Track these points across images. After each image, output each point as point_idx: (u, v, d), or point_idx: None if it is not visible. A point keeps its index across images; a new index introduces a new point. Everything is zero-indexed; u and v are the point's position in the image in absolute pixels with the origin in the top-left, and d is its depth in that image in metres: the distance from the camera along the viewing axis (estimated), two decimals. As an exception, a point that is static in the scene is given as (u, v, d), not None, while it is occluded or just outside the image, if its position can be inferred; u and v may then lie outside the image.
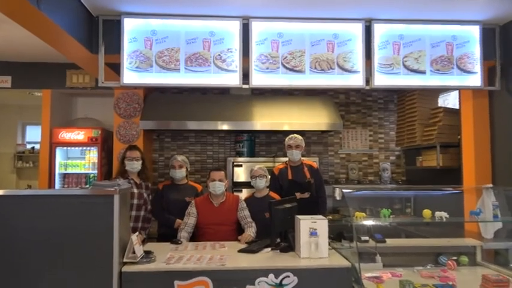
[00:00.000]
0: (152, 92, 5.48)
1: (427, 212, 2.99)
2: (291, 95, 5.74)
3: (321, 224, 2.85)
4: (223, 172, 3.71)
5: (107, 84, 3.88)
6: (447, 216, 2.90)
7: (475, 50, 4.09)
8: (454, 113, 4.85)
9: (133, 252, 2.62)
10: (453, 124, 4.79)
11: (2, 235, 2.51)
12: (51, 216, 2.54)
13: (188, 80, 3.83)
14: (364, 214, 3.00)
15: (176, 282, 2.54)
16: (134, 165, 3.71)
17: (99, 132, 5.53)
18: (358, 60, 3.94)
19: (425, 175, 5.37)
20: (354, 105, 5.97)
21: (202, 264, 2.66)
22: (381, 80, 3.95)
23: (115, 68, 3.98)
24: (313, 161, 4.34)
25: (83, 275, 2.50)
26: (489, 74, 4.29)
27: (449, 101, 5.48)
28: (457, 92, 4.80)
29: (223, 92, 5.63)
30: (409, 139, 5.35)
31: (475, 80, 4.08)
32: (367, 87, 3.96)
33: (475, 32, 4.07)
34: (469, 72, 4.07)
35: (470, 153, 4.43)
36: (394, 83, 3.98)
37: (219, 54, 3.84)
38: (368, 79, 3.97)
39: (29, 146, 7.96)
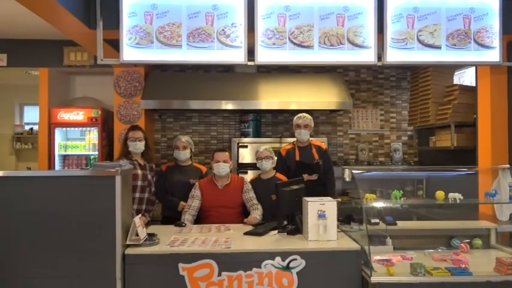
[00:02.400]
0: (153, 70, 5.46)
1: (440, 194, 2.98)
2: (299, 72, 5.69)
3: (329, 206, 2.86)
4: (227, 153, 3.72)
5: (106, 61, 3.86)
6: (461, 197, 2.89)
7: (494, 23, 4.00)
8: (470, 91, 4.79)
9: (137, 235, 2.65)
10: (469, 102, 4.74)
11: (1, 217, 2.54)
12: (51, 198, 2.57)
13: (190, 56, 3.79)
14: (374, 196, 2.99)
15: (181, 265, 2.57)
16: (137, 146, 3.72)
17: (99, 112, 5.54)
18: (369, 34, 3.88)
19: (438, 156, 5.34)
20: (364, 83, 5.92)
21: (207, 246, 2.69)
22: (394, 55, 3.90)
23: (114, 44, 3.95)
24: (321, 142, 4.32)
25: (85, 257, 2.54)
26: (508, 49, 4.22)
27: (465, 78, 5.41)
28: (473, 69, 4.73)
29: (227, 69, 5.60)
30: (422, 118, 5.31)
31: (493, 55, 4.01)
32: (379, 64, 3.91)
33: (494, 4, 3.98)
34: (487, 47, 4.00)
35: (486, 132, 4.39)
36: (407, 59, 3.92)
37: (223, 29, 3.80)
38: (380, 55, 3.91)
39: (27, 127, 8.01)
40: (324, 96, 5.11)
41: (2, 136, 7.80)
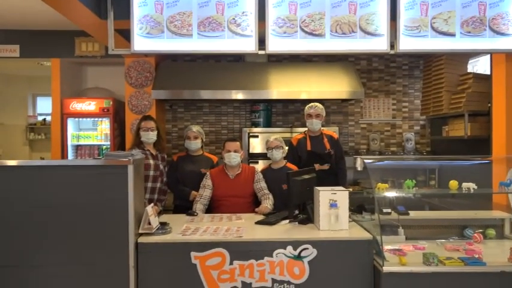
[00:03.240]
0: (164, 60, 5.47)
1: (453, 183, 2.95)
2: (310, 61, 5.65)
3: (341, 195, 2.85)
4: (238, 142, 3.72)
5: (117, 51, 3.87)
6: (475, 187, 2.86)
7: (510, 10, 3.91)
8: (484, 79, 4.71)
9: (149, 224, 2.68)
10: (483, 91, 4.67)
11: (16, 206, 2.58)
12: (64, 188, 2.60)
13: (201, 45, 3.77)
14: (386, 185, 2.99)
15: (193, 254, 2.59)
16: (150, 136, 3.74)
17: (111, 102, 5.57)
18: (382, 22, 3.82)
19: (451, 145, 5.28)
20: (376, 71, 5.86)
21: (218, 235, 2.70)
22: (407, 43, 3.84)
23: (125, 34, 3.96)
24: (333, 131, 4.30)
25: (99, 246, 2.57)
26: (525, 36, 4.12)
27: (479, 67, 5.32)
28: (487, 57, 4.64)
29: (238, 59, 5.58)
30: (435, 107, 5.25)
31: (509, 42, 3.93)
32: (392, 52, 3.85)
33: (510, -11, 3.89)
34: (502, 34, 3.91)
35: (501, 121, 4.32)
36: (421, 47, 3.86)
37: (234, 18, 3.77)
38: (392, 43, 3.85)
39: (40, 118, 8.09)
40: (335, 86, 5.07)
41: (15, 127, 7.89)
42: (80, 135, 5.71)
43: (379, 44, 3.83)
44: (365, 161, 3.00)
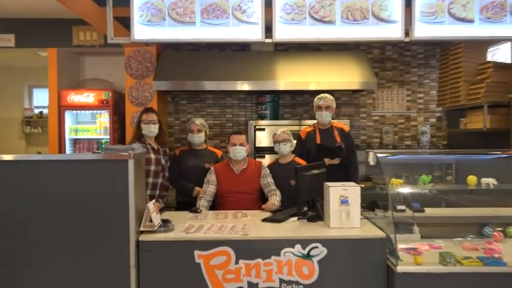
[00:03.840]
0: (165, 49, 5.46)
1: (471, 179, 2.93)
2: (319, 50, 5.62)
3: (352, 191, 2.85)
4: (244, 136, 3.71)
5: (116, 40, 3.86)
6: (495, 182, 2.84)
7: (533, -6, 3.86)
8: (504, 68, 4.66)
9: (151, 221, 2.68)
10: (503, 81, 4.62)
11: (12, 202, 2.59)
12: (62, 183, 2.61)
13: (204, 33, 3.76)
14: (400, 181, 2.98)
15: (196, 252, 2.60)
16: (151, 129, 3.75)
17: (110, 94, 5.57)
18: (396, 8, 3.78)
19: (469, 139, 5.24)
20: (389, 61, 5.81)
21: (223, 233, 2.71)
22: (423, 30, 3.80)
23: (125, 22, 3.95)
24: (344, 124, 4.28)
25: (98, 244, 2.59)
26: (548, 22, 4.06)
27: (499, 55, 5.26)
28: (508, 44, 4.59)
29: (243, 48, 5.56)
30: (452, 99, 5.21)
31: (532, 29, 3.87)
32: (407, 39, 3.82)
33: (533, -28, 3.83)
34: (525, 20, 3.86)
35: (522, 113, 4.27)
36: (437, 34, 3.82)
37: (239, 5, 3.75)
38: (407, 30, 3.82)
39: (36, 111, 8.13)
40: (346, 76, 5.04)
41: (11, 120, 7.94)
42: (78, 129, 5.73)
43: (393, 31, 3.79)
44: (378, 155, 2.98)
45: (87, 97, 5.58)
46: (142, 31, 3.78)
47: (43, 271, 2.59)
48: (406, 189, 3.06)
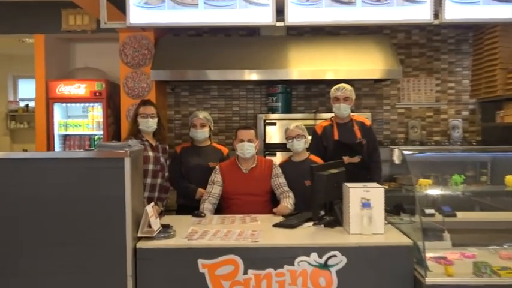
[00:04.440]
0: (165, 35, 5.46)
1: (509, 179, 2.92)
2: (337, 34, 5.60)
3: (375, 193, 2.84)
4: (253, 131, 3.72)
5: (110, 25, 3.87)
6: (538, 183, 2.82)
7: None
8: (548, 54, 4.62)
9: (149, 226, 2.69)
10: (547, 68, 4.58)
11: (-3, 205, 2.62)
12: (50, 184, 2.63)
13: (208, 17, 3.76)
14: (429, 181, 2.97)
15: (200, 261, 2.60)
16: (149, 124, 3.76)
17: (103, 85, 5.59)
18: (424, -14, 3.76)
19: (507, 134, 5.20)
20: (416, 46, 5.78)
21: (230, 240, 2.71)
22: (454, 11, 3.77)
23: (119, 5, 3.95)
24: (365, 117, 4.27)
25: (91, 252, 2.60)
26: None
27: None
28: (553, 26, 4.54)
29: (251, 33, 5.55)
30: (488, 89, 5.18)
31: None
32: (436, 22, 3.79)
33: None
34: None
35: None
36: (471, 16, 3.79)
37: (247, -16, 3.75)
38: (437, 11, 3.79)
39: (22, 104, 8.19)
40: (367, 63, 5.02)
41: (-6, 114, 8.02)
42: (68, 124, 5.77)
43: (421, 13, 3.77)
44: (403, 152, 2.98)
45: (78, 88, 5.60)
46: (138, 14, 3.79)
47: (28, 282, 2.60)
48: (435, 191, 3.05)
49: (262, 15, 3.77)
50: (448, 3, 3.77)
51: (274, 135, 5.07)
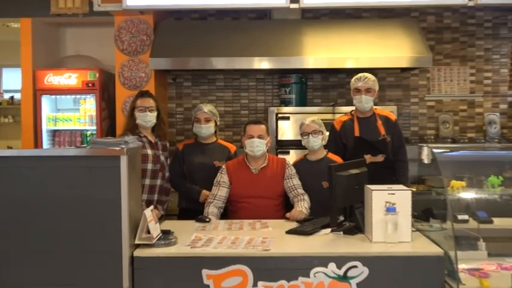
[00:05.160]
0: (165, 19, 5.47)
1: (555, 181, 2.89)
2: (358, 18, 5.59)
3: (401, 196, 2.83)
4: (264, 126, 3.72)
5: (104, 7, 3.91)
6: None
7: None
8: None
9: (148, 232, 2.70)
10: None
11: (-21, 208, 2.64)
12: (38, 185, 2.65)
13: (214, -2, 3.77)
14: (463, 183, 2.95)
15: (205, 272, 2.61)
16: (147, 118, 3.78)
17: (97, 74, 5.61)
18: (457, -37, 3.73)
19: (551, 130, 5.16)
20: (448, 31, 5.75)
21: (238, 248, 2.71)
22: (491, -9, 3.74)
23: (115, -15, 3.98)
24: (389, 111, 4.25)
25: (83, 260, 2.62)
26: None
27: None
28: None
29: (262, 16, 5.55)
30: (530, 79, 5.13)
31: None
32: (471, 3, 3.79)
33: None
34: None
35: None
36: (510, -4, 3.77)
37: (257, -39, 3.74)
38: (472, -9, 3.77)
39: (6, 96, 8.25)
40: (392, 50, 5.00)
41: (-25, 107, 8.08)
42: (57, 118, 5.79)
43: (454, -7, 3.75)
44: (433, 150, 2.97)
45: (69, 78, 5.63)
46: (136, -5, 3.80)
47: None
48: (469, 194, 3.05)
49: (275, -4, 3.77)
50: (484, -18, 3.75)
51: (287, 130, 5.06)
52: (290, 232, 3.07)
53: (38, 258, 2.63)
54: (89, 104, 5.73)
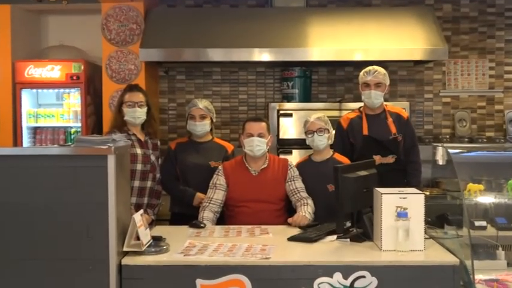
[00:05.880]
0: (157, 6, 5.48)
1: None
2: (368, 6, 5.61)
3: (413, 200, 2.83)
4: (264, 123, 3.73)
5: (90, -7, 3.90)
6: None
7: None
8: None
9: (137, 239, 2.71)
10: None
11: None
12: (17, 187, 2.64)
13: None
14: (481, 187, 2.96)
15: (199, 282, 2.61)
16: (137, 114, 3.78)
17: (82, 67, 5.61)
18: None
19: None
20: (466, 20, 5.77)
21: (236, 256, 2.71)
22: (513, -22, 3.75)
23: (102, -32, 3.98)
24: (401, 108, 4.26)
25: (66, 269, 2.61)
26: None
27: None
28: None
29: (263, 3, 5.57)
30: (554, 73, 5.14)
31: None
32: (490, -10, 3.78)
33: None
34: None
35: None
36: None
37: None
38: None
39: (-17, 89, 8.25)
40: (404, 41, 5.02)
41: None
42: (38, 114, 5.79)
43: (472, -21, 3.75)
44: (449, 151, 2.97)
45: (52, 71, 5.63)
46: (125, -20, 3.81)
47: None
48: (487, 199, 3.05)
49: (276, -18, 3.78)
50: (505, -32, 3.76)
51: (289, 128, 5.07)
52: (292, 239, 3.07)
53: (17, 267, 2.62)
54: (73, 99, 5.72)
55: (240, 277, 2.62)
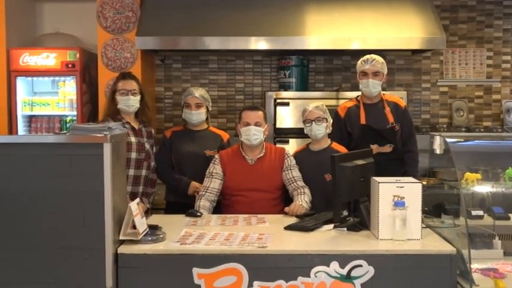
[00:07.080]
0: (153, -7, 5.45)
1: None
2: (365, -6, 5.58)
3: (411, 189, 2.83)
4: (261, 112, 3.73)
5: (86, -20, 3.88)
6: None
7: None
8: None
9: (134, 227, 2.71)
10: None
11: None
12: (12, 176, 2.63)
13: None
14: (478, 176, 2.96)
15: (195, 270, 2.61)
16: (130, 102, 3.77)
17: (77, 54, 5.58)
18: None
19: None
20: (464, 9, 5.75)
21: (232, 245, 2.72)
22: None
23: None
24: (398, 97, 4.26)
25: (62, 258, 2.62)
26: None
27: None
28: None
29: (260, -9, 5.54)
30: (552, 62, 5.14)
31: None
32: (489, -21, 3.77)
33: None
34: None
35: None
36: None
37: None
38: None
39: (-22, 77, 8.21)
40: (402, 30, 5.00)
41: None
42: (34, 102, 5.77)
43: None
44: (446, 140, 2.98)
45: (47, 59, 5.60)
46: (121, -33, 3.79)
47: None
48: (484, 188, 3.07)
49: (274, -31, 3.76)
50: (504, -44, 3.74)
51: (286, 117, 5.06)
52: (289, 228, 3.08)
53: (14, 256, 2.62)
54: (69, 87, 5.70)
55: (237, 266, 2.62)
